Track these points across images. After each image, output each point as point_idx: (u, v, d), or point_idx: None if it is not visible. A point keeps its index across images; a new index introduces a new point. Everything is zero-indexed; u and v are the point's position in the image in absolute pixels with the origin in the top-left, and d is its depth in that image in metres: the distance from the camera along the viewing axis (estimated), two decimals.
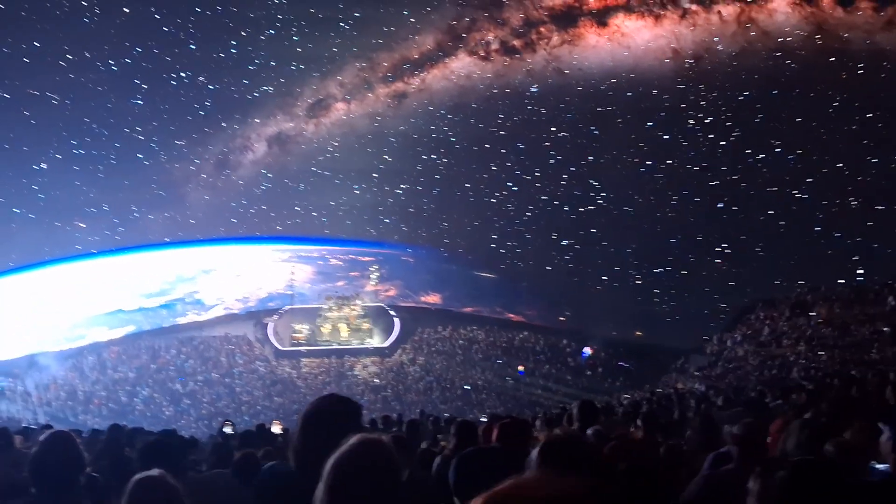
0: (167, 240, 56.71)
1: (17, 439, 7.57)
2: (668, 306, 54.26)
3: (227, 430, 11.79)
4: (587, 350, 46.18)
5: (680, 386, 30.62)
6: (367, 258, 57.57)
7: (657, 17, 51.51)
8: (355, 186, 59.25)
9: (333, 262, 60.05)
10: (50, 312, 47.64)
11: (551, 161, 57.53)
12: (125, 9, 49.95)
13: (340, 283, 54.57)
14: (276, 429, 12.03)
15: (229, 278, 57.01)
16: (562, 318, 52.26)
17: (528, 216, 58.82)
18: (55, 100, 50.23)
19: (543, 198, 58.32)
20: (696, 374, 34.23)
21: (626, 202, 55.87)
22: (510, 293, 54.57)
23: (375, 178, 58.96)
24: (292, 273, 54.77)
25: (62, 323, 47.26)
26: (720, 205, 53.07)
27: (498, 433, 4.24)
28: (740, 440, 4.21)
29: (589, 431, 5.50)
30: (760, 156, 52.06)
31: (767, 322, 34.68)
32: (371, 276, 54.97)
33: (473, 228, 59.95)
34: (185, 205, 57.20)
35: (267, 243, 59.13)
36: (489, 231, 59.50)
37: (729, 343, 35.49)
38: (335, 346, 48.21)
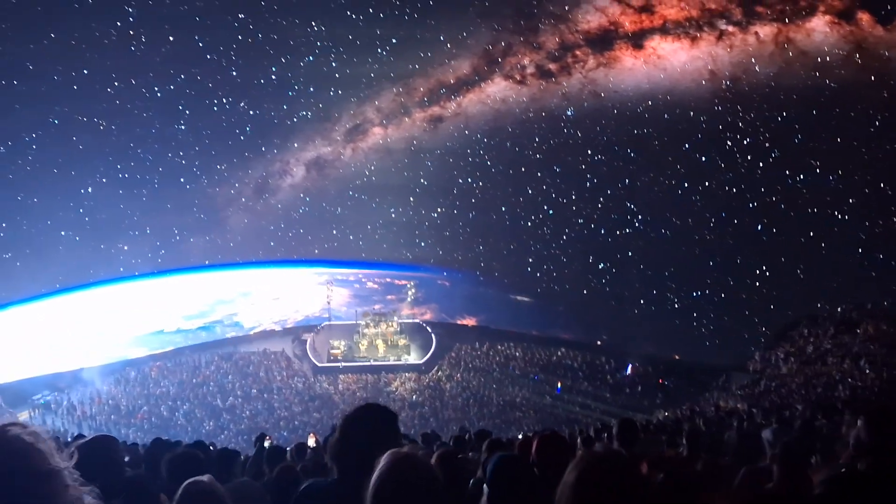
0: (207, 262, 57.56)
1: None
2: (706, 330, 53.67)
3: (311, 442, 11.60)
4: (630, 367, 45.79)
5: (722, 404, 30.20)
6: (403, 281, 57.75)
7: (693, 39, 51.68)
8: (392, 210, 59.75)
9: (370, 285, 60.35)
10: (93, 333, 48.28)
11: (587, 184, 57.67)
12: (170, 37, 51.33)
13: (377, 307, 54.69)
14: (312, 441, 11.85)
15: (267, 301, 57.52)
16: (598, 342, 51.75)
17: (565, 239, 58.81)
18: (102, 125, 51.56)
19: (580, 221, 58.30)
20: (738, 392, 33.73)
21: (664, 225, 55.61)
22: (547, 317, 54.23)
23: (412, 201, 59.43)
24: (329, 296, 55.15)
25: (104, 343, 47.82)
26: (759, 227, 52.68)
27: (537, 446, 4.23)
28: (781, 459, 4.13)
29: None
30: (800, 177, 51.69)
31: (812, 339, 34.19)
32: (408, 292, 55.23)
33: (509, 252, 60.11)
34: (225, 228, 58.14)
35: (304, 266, 59.60)
36: (525, 254, 59.53)
37: (772, 360, 35.00)
38: (372, 363, 48.35)
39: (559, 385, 45.08)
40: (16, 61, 46.97)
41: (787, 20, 48.83)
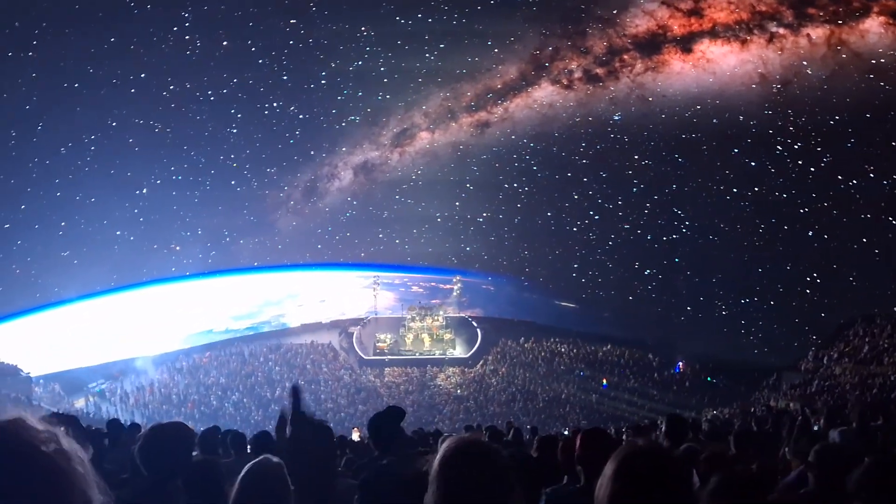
0: (256, 264, 58.53)
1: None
2: (754, 337, 52.84)
3: (356, 436, 11.37)
4: (680, 364, 45.35)
5: (772, 403, 29.76)
6: (448, 286, 58.03)
7: (743, 42, 51.12)
8: (437, 214, 59.99)
9: (415, 289, 60.72)
10: (144, 330, 49.34)
11: (634, 189, 57.26)
12: (224, 42, 52.53)
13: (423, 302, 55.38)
14: (356, 436, 11.73)
15: (314, 303, 58.22)
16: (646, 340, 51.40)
17: (611, 245, 58.49)
18: (157, 128, 52.94)
19: (626, 226, 57.91)
20: (790, 392, 33.18)
21: (711, 231, 55.03)
22: (592, 323, 53.95)
23: (457, 205, 59.63)
24: (375, 297, 55.80)
25: (156, 339, 48.86)
26: (810, 233, 51.78)
27: (580, 441, 4.17)
28: (817, 466, 3.96)
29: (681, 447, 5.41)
30: (853, 182, 50.65)
31: (867, 339, 33.46)
32: (454, 287, 55.53)
33: (555, 257, 59.93)
34: (273, 230, 59.09)
35: (351, 269, 60.20)
36: (571, 260, 59.35)
37: (825, 360, 34.34)
38: (418, 356, 48.65)
39: (605, 381, 44.84)
40: (77, 65, 48.59)
41: (839, 22, 48.05)
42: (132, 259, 52.45)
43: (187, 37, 51.58)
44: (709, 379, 44.36)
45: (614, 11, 52.94)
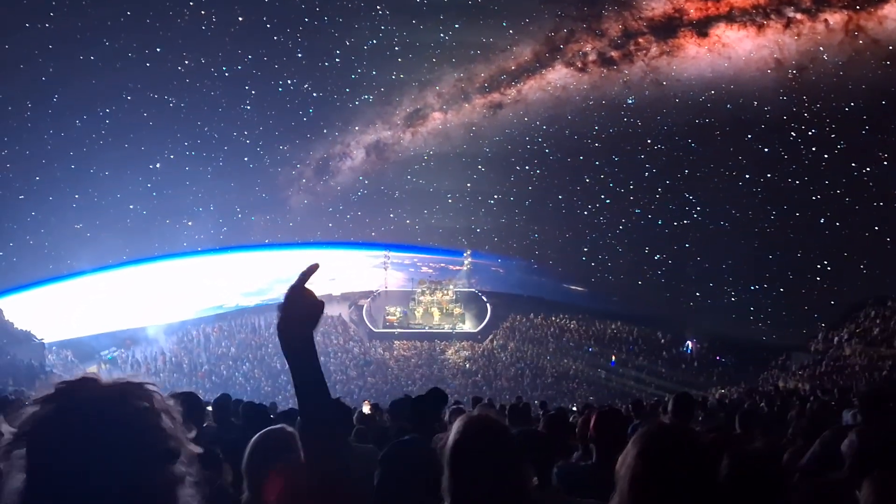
0: (267, 241, 58.67)
1: None
2: (763, 325, 52.79)
3: (366, 409, 11.40)
4: (689, 343, 45.52)
5: (781, 384, 29.84)
6: (457, 267, 58.11)
7: (760, 27, 50.97)
8: (448, 195, 60.03)
9: (424, 269, 60.66)
10: (155, 303, 49.58)
11: (646, 174, 57.21)
12: (240, 18, 52.58)
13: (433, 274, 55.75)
14: (366, 409, 11.73)
15: (324, 282, 58.30)
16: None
17: (621, 229, 58.43)
18: (172, 102, 53.04)
19: (637, 211, 57.88)
20: (799, 372, 33.27)
21: (723, 217, 54.96)
22: (600, 306, 54.04)
23: (469, 187, 59.66)
24: (385, 277, 56.03)
25: (166, 313, 49.15)
26: (822, 220, 51.68)
27: (595, 422, 4.24)
28: (856, 453, 3.84)
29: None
30: (867, 169, 50.58)
31: (878, 320, 33.50)
32: (464, 261, 55.76)
33: (565, 240, 59.90)
34: (285, 208, 59.15)
35: (361, 249, 60.31)
36: (580, 244, 59.34)
37: (835, 341, 34.41)
38: (427, 330, 48.92)
39: (613, 358, 45.05)
40: (94, 37, 48.74)
41: (857, 7, 47.84)
42: (144, 233, 52.57)
43: (203, 11, 51.74)
44: (717, 358, 44.52)
45: None
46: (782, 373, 34.63)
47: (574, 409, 20.74)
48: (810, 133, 51.80)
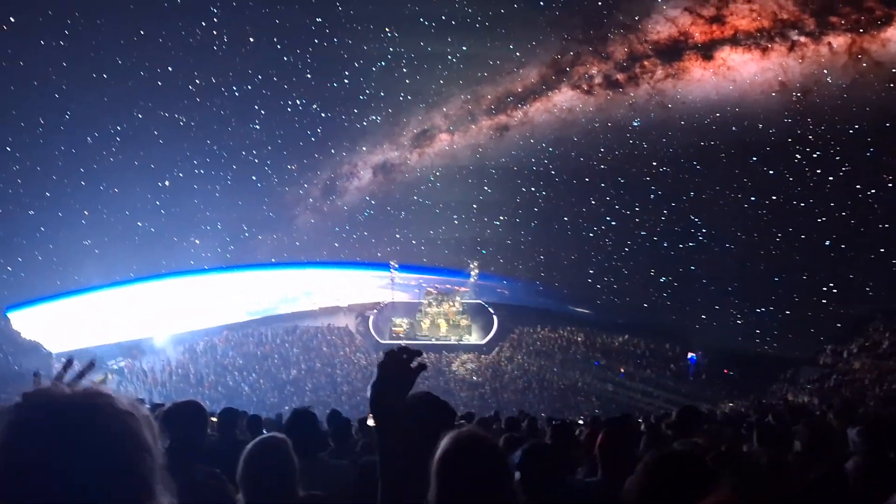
0: (273, 260, 58.89)
1: None
2: (769, 347, 52.62)
3: (371, 422, 11.15)
4: (694, 356, 45.37)
5: (790, 398, 29.73)
6: (463, 288, 58.12)
7: (764, 50, 51.48)
8: (454, 217, 60.30)
9: (430, 290, 60.76)
10: (161, 322, 49.63)
11: (651, 196, 57.30)
12: (250, 38, 53.29)
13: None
14: (371, 422, 11.43)
15: (329, 301, 58.41)
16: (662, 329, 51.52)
17: (627, 251, 58.51)
18: (182, 121, 53.54)
19: (642, 233, 57.93)
20: (808, 386, 33.17)
21: (728, 239, 55.01)
22: (607, 319, 54.11)
23: (475, 208, 59.92)
24: (392, 297, 56.21)
25: (173, 327, 49.22)
26: (828, 242, 51.70)
27: (602, 440, 4.21)
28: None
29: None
30: (871, 191, 50.64)
31: (887, 334, 33.46)
32: (471, 272, 55.74)
33: (570, 262, 60.02)
34: (292, 227, 59.52)
35: (367, 269, 60.47)
36: (586, 266, 59.43)
37: (844, 354, 34.33)
38: (434, 342, 48.86)
39: (621, 371, 44.92)
40: (107, 56, 49.35)
41: (861, 30, 48.38)
42: (152, 250, 52.81)
43: (214, 32, 52.36)
44: (725, 371, 44.40)
45: (636, 17, 53.52)
46: (791, 386, 34.50)
47: (581, 422, 20.68)
48: (815, 155, 51.97)
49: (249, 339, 48.04)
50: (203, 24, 51.61)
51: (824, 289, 51.62)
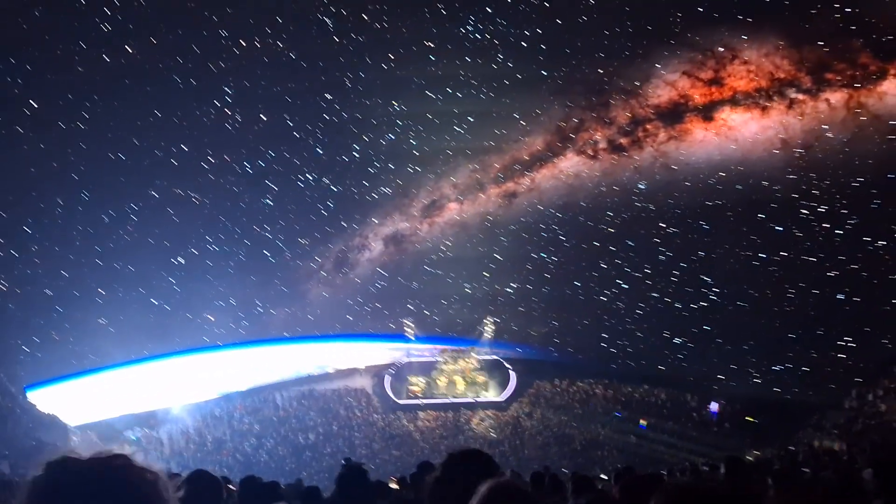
0: (286, 335, 58.68)
1: None
2: (791, 395, 51.97)
3: (393, 486, 11.29)
4: (715, 406, 44.73)
5: (817, 443, 29.33)
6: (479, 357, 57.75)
7: (764, 109, 52.79)
8: (466, 285, 60.45)
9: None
10: (177, 392, 49.26)
11: (661, 257, 57.64)
12: (262, 116, 54.72)
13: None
14: (394, 485, 11.57)
15: (345, 363, 57.97)
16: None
17: (639, 314, 58.35)
18: (196, 199, 54.44)
19: (654, 295, 57.95)
20: (834, 431, 32.72)
21: (740, 297, 54.98)
22: (626, 370, 53.78)
23: (486, 276, 60.16)
24: (407, 358, 55.98)
25: (189, 395, 48.85)
26: (841, 296, 51.75)
27: (620, 487, 4.23)
28: None
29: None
30: (880, 242, 51.04)
31: None
32: (486, 328, 55.56)
33: (583, 327, 59.77)
34: (305, 301, 59.55)
35: (380, 341, 60.16)
36: (599, 330, 59.10)
37: (870, 397, 33.94)
38: (451, 400, 48.26)
39: (643, 422, 44.25)
40: (123, 136, 50.66)
41: (857, 85, 49.78)
42: (166, 328, 52.75)
43: (227, 111, 53.87)
44: (748, 418, 43.81)
45: (636, 83, 55.11)
46: (817, 432, 33.99)
47: (604, 477, 20.37)
48: (821, 210, 52.57)
49: (266, 405, 47.67)
50: (216, 103, 53.24)
51: (840, 343, 51.35)
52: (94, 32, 49.41)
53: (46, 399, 41.89)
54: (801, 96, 51.46)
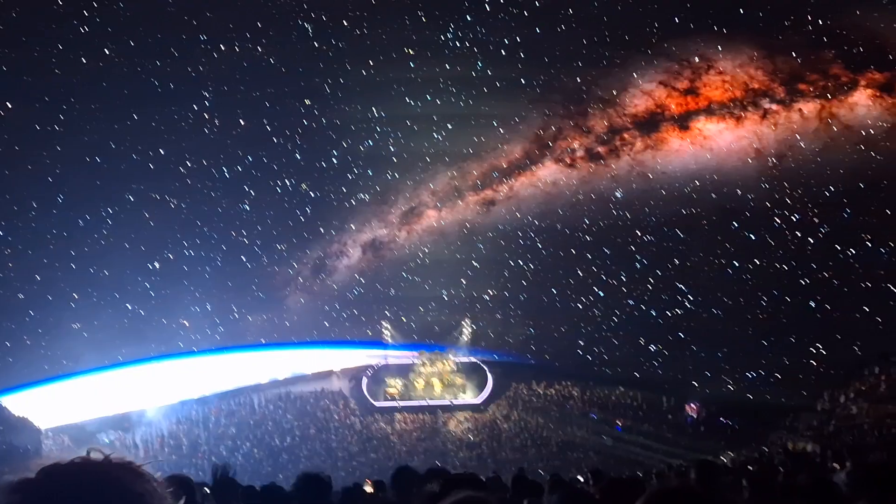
0: (263, 341, 58.21)
1: None
2: (767, 396, 52.60)
3: (368, 489, 10.90)
4: (691, 409, 45.15)
5: (790, 445, 29.71)
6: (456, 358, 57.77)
7: (738, 119, 53.57)
8: (443, 292, 60.49)
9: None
10: (151, 395, 48.66)
11: (637, 265, 58.23)
12: (241, 121, 54.50)
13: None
14: (368, 488, 11.31)
15: (322, 365, 57.61)
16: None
17: (615, 321, 58.80)
18: (173, 203, 53.96)
19: (630, 302, 58.48)
20: (808, 433, 33.21)
21: (715, 305, 55.59)
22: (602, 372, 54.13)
23: (464, 283, 60.25)
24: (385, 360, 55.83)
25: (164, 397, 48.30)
26: (812, 304, 52.57)
27: (601, 489, 4.25)
28: None
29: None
30: (851, 251, 51.99)
31: (883, 377, 33.75)
32: (464, 330, 55.61)
33: (560, 334, 60.03)
34: (281, 307, 59.17)
35: (357, 348, 59.91)
36: (576, 337, 59.45)
37: (842, 400, 34.48)
38: (428, 402, 48.25)
39: (619, 423, 44.58)
40: (100, 140, 50.12)
41: (829, 96, 50.77)
42: (141, 333, 52.12)
43: (206, 115, 53.54)
44: (722, 420, 44.28)
45: (614, 92, 55.64)
46: (790, 434, 34.46)
47: (580, 479, 20.45)
48: (794, 218, 53.41)
49: (242, 407, 47.26)
50: (195, 107, 52.87)
51: (812, 350, 52.12)
52: (71, 34, 48.98)
53: (18, 402, 41.18)
54: (774, 106, 52.39)
